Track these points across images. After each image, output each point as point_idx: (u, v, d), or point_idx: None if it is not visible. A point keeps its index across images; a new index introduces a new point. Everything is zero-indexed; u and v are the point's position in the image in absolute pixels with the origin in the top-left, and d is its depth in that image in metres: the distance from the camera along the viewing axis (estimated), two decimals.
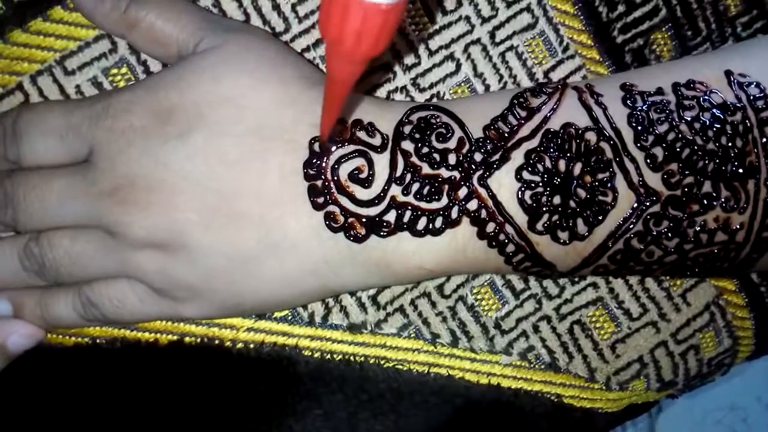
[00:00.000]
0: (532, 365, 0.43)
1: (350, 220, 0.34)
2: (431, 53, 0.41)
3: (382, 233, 0.34)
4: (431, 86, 0.41)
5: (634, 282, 0.43)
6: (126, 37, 0.37)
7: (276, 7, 0.39)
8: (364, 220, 0.34)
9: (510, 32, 0.41)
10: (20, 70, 0.38)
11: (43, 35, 0.38)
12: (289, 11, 0.40)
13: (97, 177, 0.35)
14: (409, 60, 0.41)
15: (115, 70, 0.39)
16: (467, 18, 0.41)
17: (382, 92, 0.41)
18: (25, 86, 0.39)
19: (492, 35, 0.41)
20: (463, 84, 0.41)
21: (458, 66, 0.41)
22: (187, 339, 0.41)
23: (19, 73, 0.38)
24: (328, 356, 0.42)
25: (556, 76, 0.42)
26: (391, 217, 0.34)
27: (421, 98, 0.41)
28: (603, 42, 0.42)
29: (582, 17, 0.41)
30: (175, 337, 0.41)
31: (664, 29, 0.42)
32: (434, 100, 0.41)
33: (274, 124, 0.34)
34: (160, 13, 0.36)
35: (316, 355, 0.42)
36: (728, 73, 0.35)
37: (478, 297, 0.42)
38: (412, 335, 0.42)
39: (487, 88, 0.41)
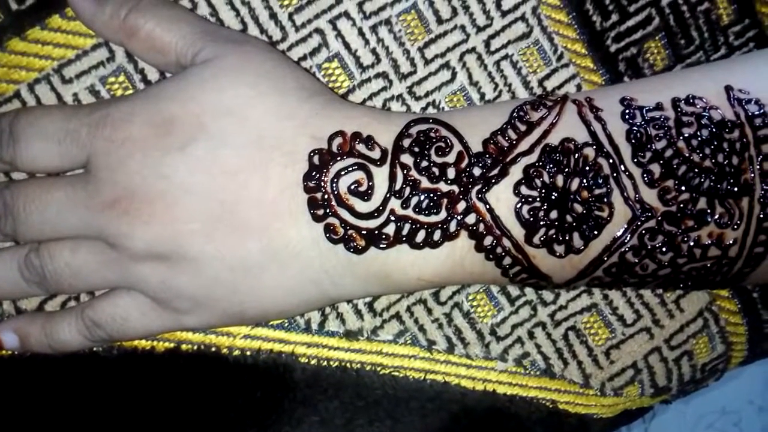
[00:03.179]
0: (527, 371, 0.44)
1: (350, 232, 0.35)
2: (427, 62, 0.41)
3: (381, 245, 0.35)
4: (427, 95, 0.42)
5: (628, 289, 0.44)
6: (125, 45, 0.38)
7: (273, 16, 0.40)
8: (363, 232, 0.35)
9: (505, 41, 0.42)
10: (18, 78, 0.39)
11: (41, 44, 0.39)
12: (286, 20, 0.40)
13: (98, 188, 0.35)
14: (405, 68, 0.41)
15: (112, 79, 0.40)
16: (462, 27, 0.41)
17: (378, 100, 0.41)
18: (23, 94, 0.39)
19: (487, 44, 0.42)
20: (458, 92, 0.42)
21: (454, 75, 0.42)
22: (183, 346, 0.41)
23: (17, 81, 0.39)
24: (325, 363, 0.43)
25: (550, 84, 0.42)
26: (390, 229, 0.35)
27: (417, 106, 0.42)
28: (597, 51, 0.43)
29: (576, 26, 0.42)
30: (171, 345, 0.41)
31: (657, 38, 0.43)
32: (430, 108, 0.42)
33: (274, 135, 0.35)
34: (159, 22, 0.36)
35: (312, 362, 0.42)
36: (728, 89, 0.36)
37: (474, 304, 0.43)
38: (408, 342, 0.43)
39: (482, 96, 0.42)
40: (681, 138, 0.34)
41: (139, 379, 0.41)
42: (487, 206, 0.34)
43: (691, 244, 0.34)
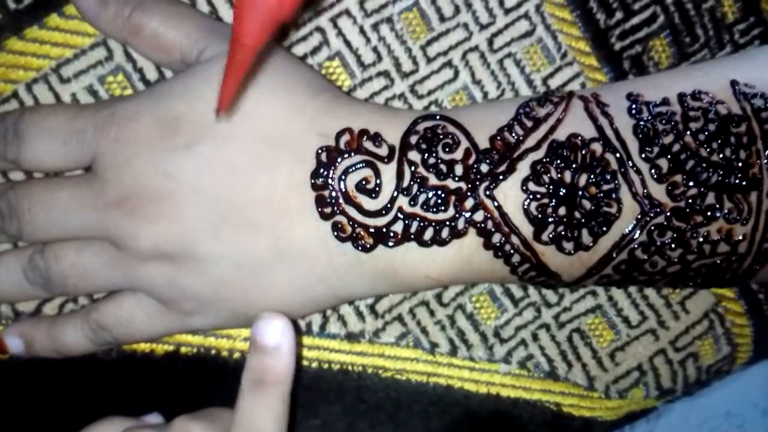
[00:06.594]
0: (531, 374, 0.44)
1: (358, 230, 0.35)
2: (429, 60, 0.42)
3: (389, 243, 0.35)
4: (429, 93, 0.42)
5: (633, 290, 0.44)
6: (129, 43, 0.38)
7: None
8: (371, 230, 0.35)
9: (508, 39, 0.42)
10: (16, 77, 0.39)
11: (39, 43, 0.39)
12: None
13: (104, 188, 0.35)
14: (407, 67, 0.42)
15: (111, 78, 0.40)
16: (465, 25, 0.42)
17: (380, 99, 0.42)
18: (21, 94, 0.39)
19: (490, 42, 0.42)
20: (461, 91, 0.42)
21: (456, 73, 0.42)
22: (183, 349, 0.42)
23: (15, 81, 0.39)
24: (326, 366, 0.43)
25: (554, 83, 0.43)
26: (398, 227, 0.35)
27: (419, 105, 0.42)
28: (601, 49, 0.43)
29: (580, 24, 0.43)
30: (171, 348, 0.42)
31: (662, 36, 0.43)
32: (432, 107, 0.42)
33: (282, 132, 0.35)
34: (163, 20, 0.37)
35: (313, 364, 0.43)
36: (734, 83, 0.36)
37: (477, 305, 0.43)
38: (411, 344, 0.43)
39: (485, 95, 0.42)
40: (688, 133, 0.35)
41: (138, 383, 0.42)
42: (495, 203, 0.35)
43: (701, 239, 0.35)
